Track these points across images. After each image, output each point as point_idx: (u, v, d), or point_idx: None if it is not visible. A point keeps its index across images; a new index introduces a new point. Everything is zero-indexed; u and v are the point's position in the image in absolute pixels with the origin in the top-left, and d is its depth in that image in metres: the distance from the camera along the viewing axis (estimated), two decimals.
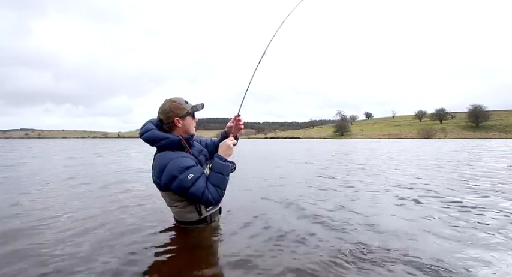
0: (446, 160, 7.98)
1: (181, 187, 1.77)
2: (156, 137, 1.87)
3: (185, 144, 1.92)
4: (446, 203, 2.94)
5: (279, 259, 1.63)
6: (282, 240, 1.93)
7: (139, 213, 2.60)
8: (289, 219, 2.40)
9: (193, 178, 1.78)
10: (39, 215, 2.53)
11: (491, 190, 3.63)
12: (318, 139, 70.89)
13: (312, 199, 3.13)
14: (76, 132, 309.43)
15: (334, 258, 1.63)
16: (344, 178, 4.81)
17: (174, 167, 1.78)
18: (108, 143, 32.30)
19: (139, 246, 1.83)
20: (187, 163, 1.82)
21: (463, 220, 2.36)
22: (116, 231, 2.10)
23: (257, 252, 1.73)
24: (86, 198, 3.29)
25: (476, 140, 41.12)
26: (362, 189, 3.73)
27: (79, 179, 4.78)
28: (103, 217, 2.47)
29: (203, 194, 1.79)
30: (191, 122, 1.99)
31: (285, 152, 13.41)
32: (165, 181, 1.81)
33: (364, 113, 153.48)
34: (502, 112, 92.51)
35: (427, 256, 1.64)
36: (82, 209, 2.74)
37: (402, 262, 1.57)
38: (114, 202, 3.02)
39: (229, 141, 2.01)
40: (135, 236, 2.00)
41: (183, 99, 1.95)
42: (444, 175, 5.09)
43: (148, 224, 2.26)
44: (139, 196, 3.32)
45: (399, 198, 3.18)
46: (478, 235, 2.01)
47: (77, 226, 2.23)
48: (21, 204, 2.99)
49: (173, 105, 1.90)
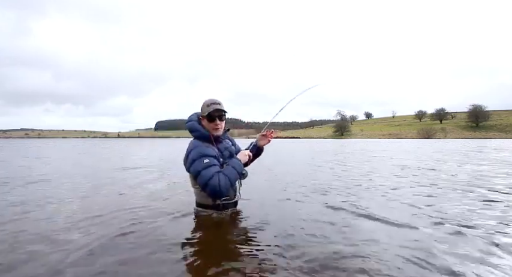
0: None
1: (195, 169, 2.03)
2: (192, 128, 2.21)
3: (212, 140, 2.18)
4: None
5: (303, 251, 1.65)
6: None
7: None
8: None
9: (207, 163, 2.02)
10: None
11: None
12: (318, 139, 70.85)
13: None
14: (76, 132, 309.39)
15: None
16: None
17: (195, 153, 2.08)
18: (123, 142, 32.24)
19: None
20: (207, 152, 2.08)
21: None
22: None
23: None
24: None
25: (476, 140, 41.06)
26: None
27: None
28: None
29: (212, 178, 1.98)
30: (208, 124, 2.19)
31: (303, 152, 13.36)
32: (188, 164, 2.12)
33: (364, 113, 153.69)
34: (502, 112, 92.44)
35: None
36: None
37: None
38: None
39: (246, 152, 2.28)
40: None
41: (211, 101, 2.18)
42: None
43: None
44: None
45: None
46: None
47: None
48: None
49: (202, 105, 2.21)
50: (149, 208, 2.75)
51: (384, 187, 3.85)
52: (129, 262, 1.58)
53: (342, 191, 3.58)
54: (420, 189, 3.67)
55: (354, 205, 2.82)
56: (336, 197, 3.23)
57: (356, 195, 3.34)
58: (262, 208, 2.75)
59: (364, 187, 3.85)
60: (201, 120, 2.22)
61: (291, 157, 10.33)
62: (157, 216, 2.45)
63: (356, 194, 3.38)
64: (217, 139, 2.22)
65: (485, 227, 2.16)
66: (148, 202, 3.02)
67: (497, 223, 2.26)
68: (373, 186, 3.98)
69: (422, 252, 1.69)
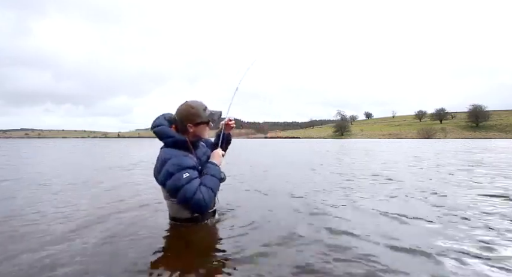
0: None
1: (175, 185, 1.80)
2: (164, 134, 1.93)
3: (190, 147, 1.95)
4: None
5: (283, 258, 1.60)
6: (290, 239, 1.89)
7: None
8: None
9: (188, 177, 1.81)
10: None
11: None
12: (318, 139, 70.84)
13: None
14: (76, 132, 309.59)
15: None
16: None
17: (172, 165, 1.82)
18: (123, 142, 32.17)
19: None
20: (186, 164, 1.85)
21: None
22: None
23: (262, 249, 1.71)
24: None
25: (476, 140, 41.06)
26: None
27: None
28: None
29: (195, 194, 1.79)
30: (205, 129, 2.02)
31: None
32: (162, 177, 1.84)
33: (364, 113, 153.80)
34: (502, 112, 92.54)
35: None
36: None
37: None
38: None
39: (220, 151, 2.11)
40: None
41: (203, 105, 1.97)
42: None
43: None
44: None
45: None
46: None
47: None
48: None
49: (190, 112, 1.93)
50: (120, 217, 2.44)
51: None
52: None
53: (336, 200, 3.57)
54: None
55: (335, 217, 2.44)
56: (328, 203, 3.22)
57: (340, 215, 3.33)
58: (246, 215, 2.50)
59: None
60: (193, 127, 1.94)
61: (285, 157, 10.29)
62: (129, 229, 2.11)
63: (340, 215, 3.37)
64: (194, 144, 2.00)
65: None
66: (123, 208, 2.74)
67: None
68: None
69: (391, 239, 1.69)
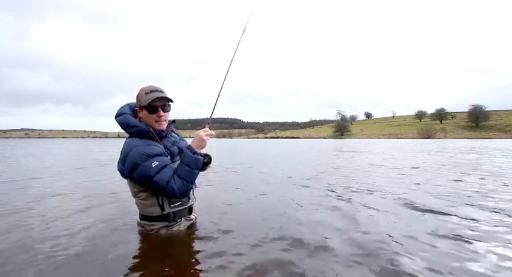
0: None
1: (144, 175, 1.64)
2: (127, 123, 1.77)
3: (154, 136, 1.77)
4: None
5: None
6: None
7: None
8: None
9: (157, 166, 1.65)
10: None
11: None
12: (318, 139, 70.82)
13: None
14: (76, 132, 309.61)
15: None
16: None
17: (137, 154, 1.64)
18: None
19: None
20: (153, 151, 1.68)
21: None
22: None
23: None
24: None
25: (476, 140, 41.06)
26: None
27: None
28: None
29: (168, 183, 1.65)
30: (148, 116, 1.77)
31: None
32: (128, 169, 1.68)
33: (364, 113, 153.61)
34: (502, 112, 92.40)
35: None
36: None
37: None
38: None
39: (202, 132, 1.82)
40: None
41: (152, 87, 1.78)
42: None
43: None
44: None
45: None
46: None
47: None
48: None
49: (138, 94, 1.79)
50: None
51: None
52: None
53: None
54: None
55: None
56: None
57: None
58: (224, 215, 2.42)
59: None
60: (139, 112, 1.79)
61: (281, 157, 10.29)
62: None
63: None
64: (160, 135, 1.80)
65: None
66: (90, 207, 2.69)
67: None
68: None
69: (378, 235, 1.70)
